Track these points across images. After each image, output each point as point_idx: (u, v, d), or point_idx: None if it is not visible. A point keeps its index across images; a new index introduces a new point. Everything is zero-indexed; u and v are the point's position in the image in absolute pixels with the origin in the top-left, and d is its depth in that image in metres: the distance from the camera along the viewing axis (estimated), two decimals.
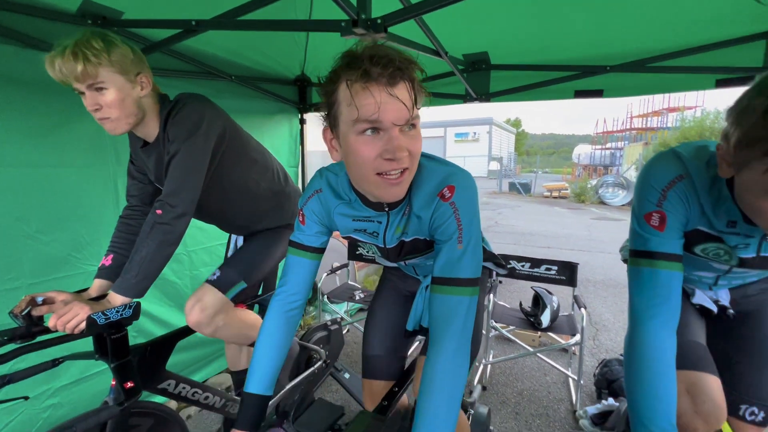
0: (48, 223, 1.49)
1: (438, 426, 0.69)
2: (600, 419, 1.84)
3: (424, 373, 0.74)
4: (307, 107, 2.79)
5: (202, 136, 1.06)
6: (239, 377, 1.61)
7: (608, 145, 22.61)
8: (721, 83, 1.81)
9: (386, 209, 0.86)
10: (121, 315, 0.96)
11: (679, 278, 0.78)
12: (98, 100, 0.98)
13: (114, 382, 1.05)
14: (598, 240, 6.97)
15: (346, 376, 1.99)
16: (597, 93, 2.03)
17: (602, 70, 1.92)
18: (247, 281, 1.31)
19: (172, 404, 1.88)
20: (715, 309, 1.00)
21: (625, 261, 1.22)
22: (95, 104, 0.98)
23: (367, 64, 0.65)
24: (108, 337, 0.98)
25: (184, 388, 1.22)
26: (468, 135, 29.80)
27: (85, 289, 1.11)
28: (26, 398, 1.04)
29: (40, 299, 0.95)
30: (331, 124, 0.76)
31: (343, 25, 1.02)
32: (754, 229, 0.75)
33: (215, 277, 1.27)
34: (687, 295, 1.03)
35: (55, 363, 1.04)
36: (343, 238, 1.02)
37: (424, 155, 0.85)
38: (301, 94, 2.76)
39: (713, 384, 0.87)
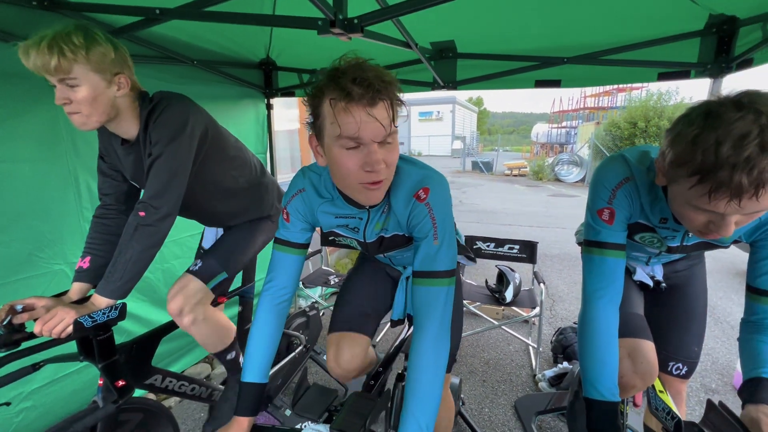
0: (5, 222, 1.41)
1: (424, 402, 0.78)
2: (556, 380, 2.07)
3: (411, 356, 0.83)
4: (273, 92, 2.73)
5: (187, 138, 1.06)
6: (221, 357, 1.62)
7: (564, 123, 23.65)
8: (662, 76, 1.99)
9: (367, 207, 0.93)
10: (108, 317, 0.97)
11: (622, 264, 0.92)
12: (68, 95, 0.94)
13: (101, 382, 1.06)
14: (554, 216, 7.43)
15: (325, 358, 2.08)
16: (555, 83, 2.16)
17: (560, 62, 2.04)
18: (227, 272, 1.34)
19: (150, 396, 1.88)
20: (651, 284, 1.18)
21: (579, 244, 1.37)
22: (65, 98, 0.94)
23: (350, 86, 0.70)
24: (94, 339, 0.99)
25: (170, 381, 1.25)
26: (432, 114, 29.93)
27: (65, 293, 1.09)
28: (8, 404, 1.03)
29: (19, 307, 0.93)
30: (317, 133, 0.81)
31: (320, 24, 1.04)
32: (680, 225, 0.90)
33: (197, 267, 1.30)
34: (629, 273, 1.20)
35: (35, 367, 1.03)
36: (325, 232, 1.07)
37: (400, 158, 0.92)
38: (266, 78, 2.68)
39: (648, 348, 1.04)
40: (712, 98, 0.67)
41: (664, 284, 1.17)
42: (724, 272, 4.13)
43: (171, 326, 1.29)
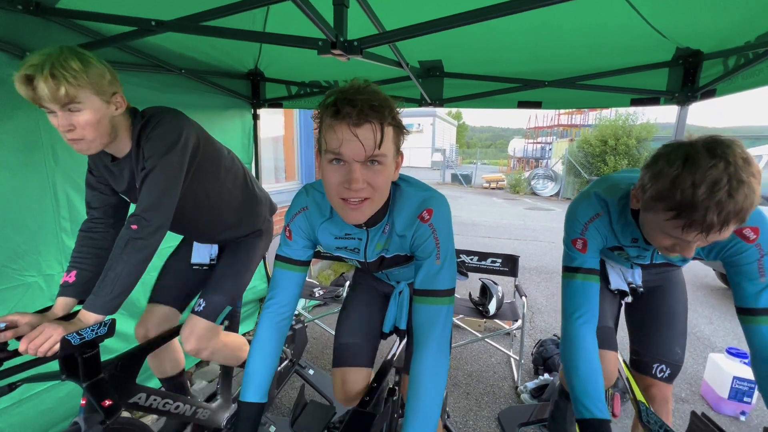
0: None
1: (425, 417, 0.80)
2: (538, 392, 2.12)
3: (411, 372, 0.85)
4: (261, 102, 2.73)
5: (179, 152, 1.05)
6: (171, 383, 1.60)
7: (539, 139, 24.51)
8: (634, 102, 2.13)
9: (364, 226, 0.95)
10: (97, 333, 0.94)
11: (596, 287, 1.03)
12: (72, 120, 0.94)
13: (84, 402, 1.02)
14: (531, 229, 7.65)
15: (311, 372, 2.06)
16: (537, 104, 2.27)
17: (541, 84, 2.14)
18: (231, 304, 1.39)
19: (125, 414, 1.80)
20: (628, 290, 1.28)
21: None
22: (69, 125, 0.93)
23: (340, 104, 0.73)
24: (80, 357, 0.95)
25: (155, 399, 1.21)
26: (413, 126, 30.38)
27: (48, 308, 1.05)
28: None
29: (2, 325, 0.89)
30: (319, 147, 0.83)
31: (321, 44, 1.06)
32: (649, 245, 1.02)
33: (201, 307, 1.33)
34: (605, 283, 1.29)
35: (11, 387, 0.98)
36: (326, 255, 1.08)
37: (404, 180, 0.95)
38: (254, 89, 2.69)
39: (612, 357, 1.20)
40: (688, 140, 0.78)
41: (642, 289, 1.27)
42: (688, 285, 4.35)
43: (156, 342, 1.25)
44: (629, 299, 1.29)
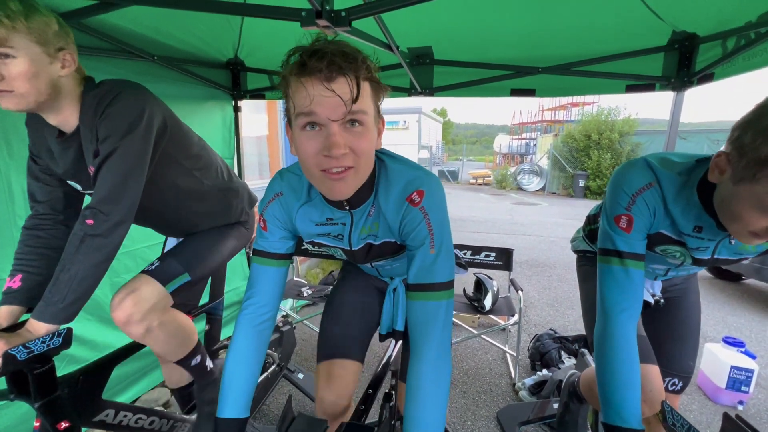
0: None
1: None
2: (536, 389, 2.05)
3: (409, 381, 0.74)
4: (242, 93, 2.59)
5: (142, 133, 0.91)
6: (182, 394, 1.47)
7: (524, 135, 24.76)
8: (630, 88, 2.07)
9: (347, 208, 0.84)
10: (48, 346, 0.81)
11: (642, 275, 0.85)
12: (0, 69, 0.79)
13: (38, 424, 0.89)
14: (519, 223, 7.66)
15: (300, 376, 1.95)
16: (530, 92, 2.19)
17: (535, 71, 2.07)
18: (191, 274, 1.15)
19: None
20: (653, 302, 1.14)
21: (576, 252, 1.35)
22: None
23: (306, 57, 0.63)
24: (30, 373, 0.82)
25: (125, 416, 1.08)
26: (398, 123, 30.28)
27: None
28: None
29: None
30: (288, 118, 0.73)
31: (304, 15, 0.95)
32: (718, 233, 0.83)
33: (153, 267, 1.11)
34: None
35: None
36: (307, 244, 0.97)
37: (389, 156, 0.84)
38: (234, 79, 2.54)
39: (655, 373, 0.99)
40: None
41: (662, 300, 1.15)
42: None
43: (126, 352, 1.12)
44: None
